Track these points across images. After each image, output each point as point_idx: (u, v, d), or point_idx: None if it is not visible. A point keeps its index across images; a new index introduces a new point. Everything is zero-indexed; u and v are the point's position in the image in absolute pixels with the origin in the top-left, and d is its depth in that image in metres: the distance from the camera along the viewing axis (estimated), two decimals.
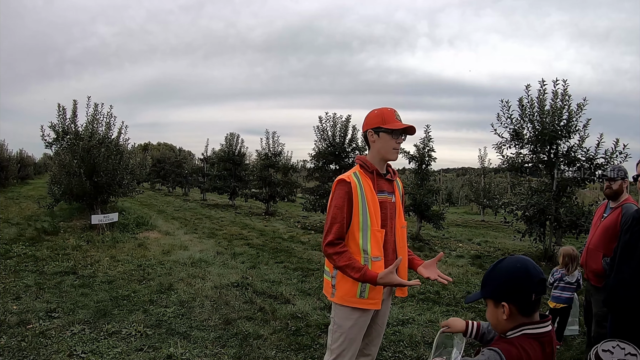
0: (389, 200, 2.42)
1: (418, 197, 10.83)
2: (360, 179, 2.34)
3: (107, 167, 9.64)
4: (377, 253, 2.31)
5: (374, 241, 2.31)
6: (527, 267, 1.53)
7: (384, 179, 2.43)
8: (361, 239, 2.30)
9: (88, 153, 9.47)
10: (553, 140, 8.00)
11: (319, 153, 12.98)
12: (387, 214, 2.39)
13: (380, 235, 2.33)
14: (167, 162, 26.37)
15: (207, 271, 6.69)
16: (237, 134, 19.84)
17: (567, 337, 4.50)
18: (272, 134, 16.95)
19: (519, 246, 10.53)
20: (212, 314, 4.84)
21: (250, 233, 11.10)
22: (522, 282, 1.52)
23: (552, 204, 8.06)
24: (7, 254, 7.05)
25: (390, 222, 2.41)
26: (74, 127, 9.85)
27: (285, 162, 17.54)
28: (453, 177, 44.59)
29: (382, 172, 2.42)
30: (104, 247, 7.95)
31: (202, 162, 24.08)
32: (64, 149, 9.70)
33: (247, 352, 3.91)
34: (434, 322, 4.82)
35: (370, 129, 2.37)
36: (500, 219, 14.85)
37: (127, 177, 10.36)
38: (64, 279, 5.87)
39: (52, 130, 9.74)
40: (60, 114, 9.75)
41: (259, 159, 17.35)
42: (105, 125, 10.14)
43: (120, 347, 3.88)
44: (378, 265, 2.28)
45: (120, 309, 4.85)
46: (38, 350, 3.71)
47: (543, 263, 8.16)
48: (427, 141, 10.93)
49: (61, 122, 9.78)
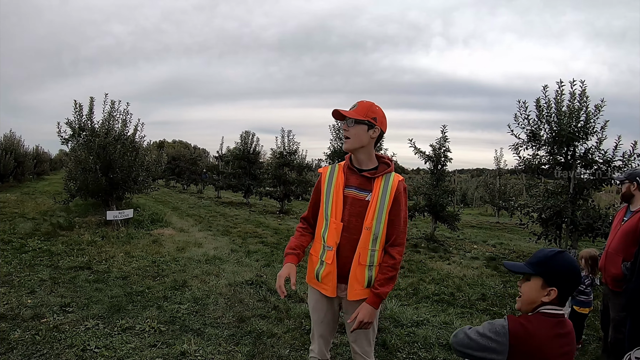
0: (358, 197, 2.37)
1: (433, 197, 10.70)
2: (335, 171, 2.44)
3: (122, 163, 9.66)
4: (331, 243, 2.36)
5: (330, 231, 2.37)
6: (578, 268, 1.77)
7: (357, 175, 2.39)
8: (323, 227, 2.42)
9: (104, 150, 9.50)
10: (570, 141, 7.85)
11: (334, 152, 12.90)
12: (349, 210, 2.36)
13: (335, 227, 2.35)
14: (182, 160, 26.51)
15: (221, 268, 6.65)
16: (253, 132, 19.88)
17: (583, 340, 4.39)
18: (288, 132, 16.94)
19: (534, 249, 10.34)
20: (226, 311, 4.80)
21: (265, 231, 11.06)
22: (576, 278, 1.75)
23: (568, 206, 7.89)
24: (22, 249, 7.08)
25: (354, 219, 2.35)
26: (90, 123, 9.86)
27: (300, 160, 17.53)
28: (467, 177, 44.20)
29: (358, 166, 2.41)
30: (118, 243, 7.95)
31: (217, 160, 24.14)
32: (80, 146, 9.72)
33: (261, 350, 3.86)
34: (449, 324, 4.75)
35: None
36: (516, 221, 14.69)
37: (142, 174, 10.38)
38: (78, 274, 5.86)
39: (68, 127, 9.76)
40: (77, 111, 9.77)
41: (273, 158, 17.33)
42: (122, 122, 10.16)
43: (133, 342, 3.84)
44: (329, 255, 2.37)
45: (134, 305, 4.83)
46: (52, 344, 3.68)
47: None
48: (443, 141, 10.78)
49: (77, 119, 9.80)
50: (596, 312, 4.69)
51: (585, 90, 7.74)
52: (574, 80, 7.76)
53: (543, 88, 8.06)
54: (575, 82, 7.75)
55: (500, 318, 1.77)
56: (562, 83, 7.85)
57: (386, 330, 4.47)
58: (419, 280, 6.72)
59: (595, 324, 4.79)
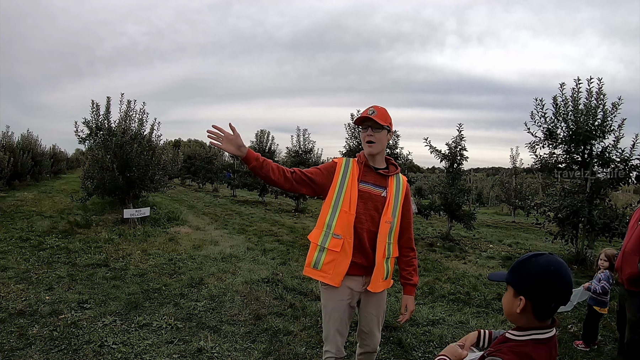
0: (374, 193, 2.51)
1: (449, 196, 10.59)
2: (350, 164, 2.53)
3: (139, 162, 9.73)
4: (340, 232, 2.43)
5: (339, 220, 2.43)
6: (559, 273, 1.42)
7: (374, 172, 2.53)
8: (329, 215, 2.47)
9: (121, 148, 9.57)
10: (587, 140, 7.69)
11: (350, 150, 12.83)
12: (367, 204, 2.48)
13: (347, 217, 2.43)
14: (198, 158, 26.65)
15: (237, 266, 6.64)
16: (268, 130, 19.91)
17: (597, 342, 4.30)
18: (303, 131, 16.92)
19: (550, 248, 10.21)
20: (242, 309, 4.78)
21: (280, 230, 11.05)
22: (549, 286, 1.42)
23: (585, 205, 7.74)
24: (40, 246, 7.16)
25: (372, 213, 2.48)
26: (107, 123, 9.94)
27: (315, 159, 17.50)
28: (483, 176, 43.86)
29: (374, 165, 2.54)
30: (135, 241, 8.00)
31: (233, 159, 24.20)
32: (97, 145, 9.82)
33: (277, 347, 3.83)
34: (465, 323, 4.70)
35: None
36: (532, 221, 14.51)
37: (158, 172, 10.44)
38: (96, 271, 5.90)
39: (85, 126, 9.85)
40: (94, 111, 9.85)
41: (289, 156, 17.32)
42: (138, 121, 10.23)
43: (150, 339, 3.84)
44: (336, 243, 2.42)
45: (151, 302, 4.83)
46: (69, 340, 3.69)
47: (575, 266, 7.94)
48: (459, 140, 10.65)
49: (94, 118, 9.88)
50: (612, 312, 4.58)
51: (602, 87, 7.58)
52: (591, 78, 7.61)
53: (560, 86, 7.91)
54: (592, 79, 7.60)
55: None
56: (579, 81, 7.70)
57: (402, 329, 4.41)
58: (434, 279, 6.65)
59: (611, 324, 4.67)
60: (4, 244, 7.16)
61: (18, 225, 9.06)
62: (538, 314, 1.44)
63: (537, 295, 1.42)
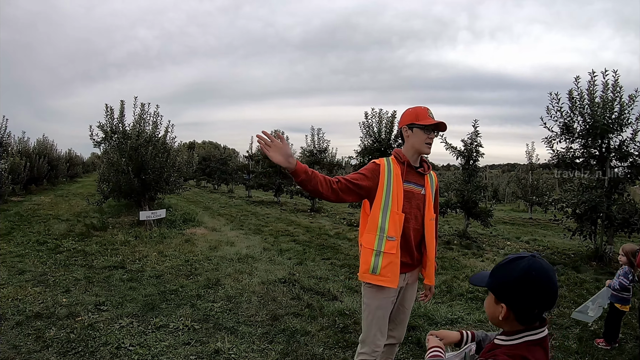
0: (417, 192, 2.58)
1: (466, 193, 10.44)
2: (391, 165, 2.54)
3: (154, 165, 9.76)
4: (393, 233, 2.45)
5: (391, 222, 2.46)
6: (541, 279, 1.32)
7: (414, 172, 2.60)
8: (380, 218, 2.48)
9: (136, 151, 9.60)
10: (604, 133, 7.52)
11: (365, 149, 12.71)
12: (412, 203, 2.55)
13: (398, 218, 2.47)
14: (212, 160, 26.75)
15: (254, 267, 6.60)
16: (282, 130, 19.87)
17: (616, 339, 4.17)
18: (317, 130, 16.87)
19: (568, 245, 10.12)
20: (259, 309, 4.73)
21: (296, 229, 10.99)
22: (531, 292, 1.32)
23: (603, 201, 7.59)
24: (57, 249, 7.20)
25: (416, 212, 2.56)
26: (121, 126, 9.99)
27: (330, 158, 17.43)
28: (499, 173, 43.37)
29: (414, 164, 2.59)
30: (151, 243, 8.01)
31: (247, 160, 24.26)
32: (112, 148, 9.86)
33: (295, 348, 3.78)
34: (484, 322, 4.61)
35: (405, 125, 2.57)
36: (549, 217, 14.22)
37: (173, 174, 10.46)
38: (112, 273, 5.90)
39: (100, 130, 9.91)
40: (108, 114, 9.90)
41: (303, 156, 17.28)
42: (152, 124, 10.26)
43: (167, 340, 3.81)
44: (392, 245, 2.45)
45: (168, 303, 4.80)
46: (86, 342, 3.67)
47: (594, 263, 7.81)
48: (475, 136, 10.49)
49: (109, 122, 9.93)
50: (633, 310, 4.45)
51: (618, 80, 7.42)
52: (606, 71, 7.45)
53: (575, 79, 7.75)
54: (608, 72, 7.44)
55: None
56: (594, 73, 7.54)
57: (420, 328, 4.34)
58: (452, 277, 6.54)
59: (632, 322, 4.55)
60: (21, 248, 7.23)
61: (35, 229, 9.14)
62: (521, 320, 1.37)
63: (518, 301, 1.34)
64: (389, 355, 2.83)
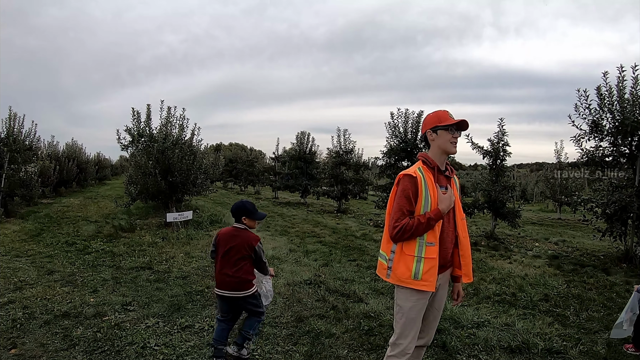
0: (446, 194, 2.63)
1: (493, 193, 10.22)
2: (424, 173, 2.56)
3: (181, 167, 9.86)
4: (432, 239, 2.49)
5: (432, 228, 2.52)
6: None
7: (443, 175, 2.65)
8: None
9: (163, 154, 9.71)
10: (635, 131, 7.26)
11: (391, 149, 12.58)
12: None
13: (436, 225, 2.51)
14: (239, 162, 26.98)
15: (279, 268, 6.56)
16: (308, 132, 19.93)
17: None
18: (344, 131, 16.83)
19: (598, 246, 9.81)
20: (284, 311, 4.69)
21: (323, 231, 10.94)
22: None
23: (634, 200, 7.31)
24: (86, 250, 7.33)
25: (449, 214, 2.62)
26: (148, 130, 10.12)
27: (356, 159, 17.35)
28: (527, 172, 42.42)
29: (442, 168, 2.64)
30: (178, 244, 8.06)
31: (274, 161, 24.37)
32: (140, 151, 10.01)
33: (319, 350, 3.72)
34: (511, 326, 4.46)
35: (428, 129, 2.63)
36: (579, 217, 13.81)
37: (200, 176, 10.54)
38: (139, 274, 5.94)
39: (127, 134, 10.06)
40: (135, 118, 10.05)
41: (329, 157, 17.24)
42: (179, 127, 10.37)
43: (192, 341, 3.79)
44: (432, 250, 2.48)
45: (194, 304, 4.80)
46: (112, 342, 3.68)
47: (624, 265, 7.55)
48: (502, 135, 10.26)
49: (136, 126, 10.08)
50: None
51: None
52: (636, 65, 7.17)
53: (603, 75, 7.51)
54: (638, 66, 7.16)
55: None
56: (622, 68, 7.28)
57: (446, 331, 4.22)
58: (479, 279, 6.38)
59: None
60: (50, 249, 7.38)
61: (64, 230, 9.32)
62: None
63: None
64: (416, 357, 2.84)
